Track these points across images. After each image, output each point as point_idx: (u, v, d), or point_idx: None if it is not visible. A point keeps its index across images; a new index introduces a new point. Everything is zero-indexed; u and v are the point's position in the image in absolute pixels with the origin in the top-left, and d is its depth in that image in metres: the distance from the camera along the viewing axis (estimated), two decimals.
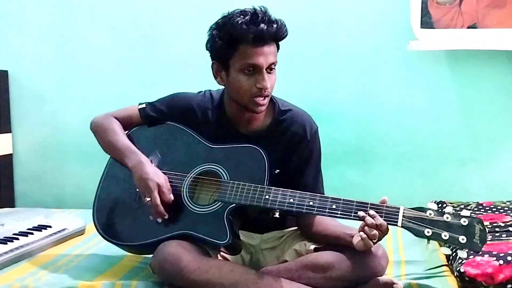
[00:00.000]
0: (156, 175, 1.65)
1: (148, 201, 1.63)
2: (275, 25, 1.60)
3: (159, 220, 1.64)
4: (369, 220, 1.49)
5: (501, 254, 1.65)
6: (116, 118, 1.83)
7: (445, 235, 1.47)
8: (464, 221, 1.47)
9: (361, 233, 1.50)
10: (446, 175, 2.56)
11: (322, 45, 2.57)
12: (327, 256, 1.61)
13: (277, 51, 1.65)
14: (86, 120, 1.90)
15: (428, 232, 1.48)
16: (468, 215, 1.48)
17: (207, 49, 1.68)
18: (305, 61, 2.57)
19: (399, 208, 1.52)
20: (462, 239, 1.46)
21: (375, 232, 1.49)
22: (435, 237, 1.47)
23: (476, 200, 2.30)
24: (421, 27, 2.42)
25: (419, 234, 1.49)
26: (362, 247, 1.52)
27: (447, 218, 1.48)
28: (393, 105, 2.57)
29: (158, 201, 1.62)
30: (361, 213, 1.51)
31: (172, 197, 1.64)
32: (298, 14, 2.50)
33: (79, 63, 2.74)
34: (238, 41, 1.59)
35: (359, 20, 2.54)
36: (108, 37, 2.70)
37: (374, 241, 1.50)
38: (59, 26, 2.72)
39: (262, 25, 1.57)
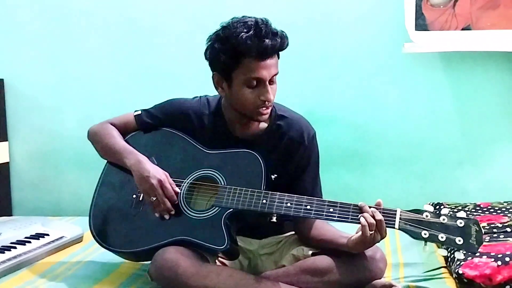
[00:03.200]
0: (156, 172, 1.66)
1: (154, 200, 1.63)
2: (278, 39, 1.59)
3: (167, 216, 1.64)
4: (368, 217, 1.49)
5: (499, 255, 1.65)
6: (112, 125, 1.83)
7: (441, 236, 1.47)
8: (460, 223, 1.48)
9: (361, 218, 1.48)
10: (443, 177, 2.56)
11: (317, 49, 2.57)
12: (326, 260, 1.61)
13: (278, 60, 1.64)
14: (83, 127, 1.90)
15: (425, 234, 1.48)
16: (464, 216, 1.49)
17: (206, 59, 1.67)
18: (301, 65, 2.56)
19: (396, 211, 1.52)
20: (459, 240, 1.47)
21: (373, 221, 1.48)
22: (432, 238, 1.48)
23: (473, 201, 2.30)
24: (415, 30, 2.42)
25: (416, 236, 1.49)
26: (358, 240, 1.50)
27: (444, 219, 1.49)
28: (389, 108, 2.57)
29: (163, 197, 1.63)
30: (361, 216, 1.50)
31: (177, 189, 1.65)
32: (293, 18, 2.50)
33: (75, 70, 2.73)
34: (242, 55, 1.58)
35: (354, 23, 2.54)
36: (103, 44, 2.70)
37: (371, 233, 1.48)
38: (54, 33, 2.72)
39: (266, 41, 1.56)
